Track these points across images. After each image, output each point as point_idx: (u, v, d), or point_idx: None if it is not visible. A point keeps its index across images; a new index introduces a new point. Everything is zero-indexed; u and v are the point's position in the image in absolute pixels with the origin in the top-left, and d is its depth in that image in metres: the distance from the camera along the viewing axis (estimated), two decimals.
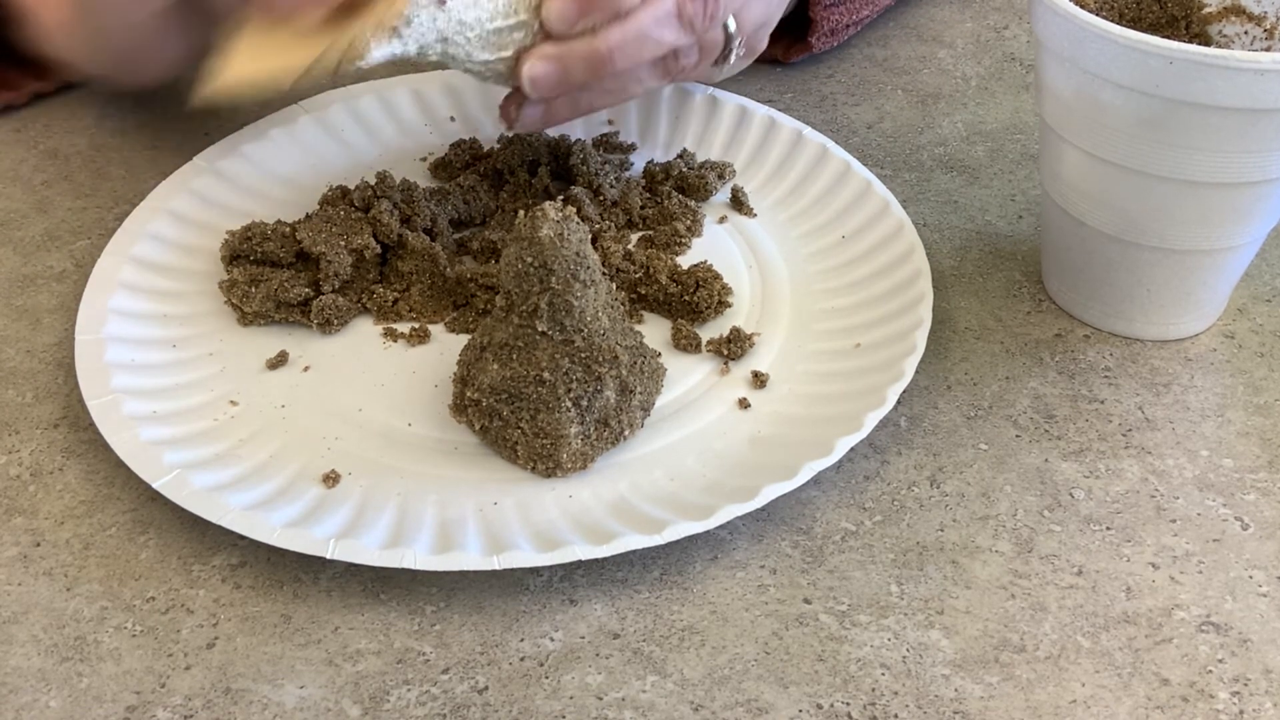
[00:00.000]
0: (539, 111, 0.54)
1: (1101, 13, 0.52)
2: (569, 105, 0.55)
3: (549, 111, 0.55)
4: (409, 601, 0.44)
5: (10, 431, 0.51)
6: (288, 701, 0.41)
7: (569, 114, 0.56)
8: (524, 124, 0.55)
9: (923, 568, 0.45)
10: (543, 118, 0.55)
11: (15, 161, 0.66)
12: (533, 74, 0.51)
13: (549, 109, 0.54)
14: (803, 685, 0.41)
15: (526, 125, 0.55)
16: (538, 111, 0.54)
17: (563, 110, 0.55)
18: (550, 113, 0.55)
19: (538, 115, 0.54)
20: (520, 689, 0.41)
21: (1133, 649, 0.43)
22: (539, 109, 0.54)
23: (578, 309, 0.46)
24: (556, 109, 0.55)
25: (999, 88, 0.72)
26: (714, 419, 0.50)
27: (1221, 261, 0.52)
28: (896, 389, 0.49)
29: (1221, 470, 0.49)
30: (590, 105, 0.56)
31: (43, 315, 0.56)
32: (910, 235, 0.56)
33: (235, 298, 0.54)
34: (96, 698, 0.41)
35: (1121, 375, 0.53)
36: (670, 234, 0.58)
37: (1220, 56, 0.44)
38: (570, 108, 0.55)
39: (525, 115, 0.54)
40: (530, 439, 0.47)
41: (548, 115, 0.55)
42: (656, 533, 0.44)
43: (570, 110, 0.55)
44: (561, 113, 0.55)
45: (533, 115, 0.54)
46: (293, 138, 0.63)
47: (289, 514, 0.45)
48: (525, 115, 0.54)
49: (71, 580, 0.45)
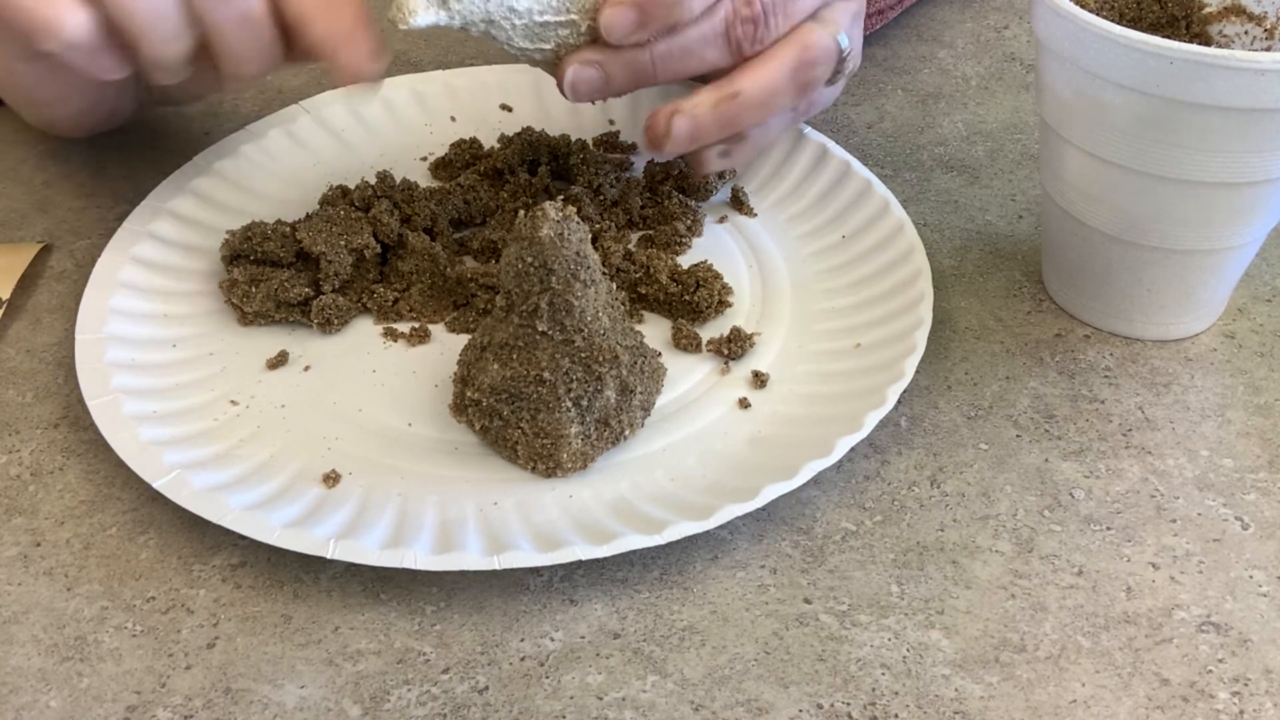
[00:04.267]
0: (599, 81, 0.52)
1: (1101, 13, 0.52)
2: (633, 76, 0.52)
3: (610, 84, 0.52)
4: (409, 601, 0.44)
5: (10, 431, 0.51)
6: (288, 701, 0.41)
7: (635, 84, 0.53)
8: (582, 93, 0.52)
9: (923, 568, 0.45)
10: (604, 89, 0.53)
11: (15, 161, 0.66)
12: (575, 78, 0.51)
13: (610, 82, 0.52)
14: (803, 685, 0.42)
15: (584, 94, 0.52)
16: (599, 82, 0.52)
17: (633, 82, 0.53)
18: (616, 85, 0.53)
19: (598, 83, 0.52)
20: (520, 689, 0.41)
21: (1133, 649, 0.43)
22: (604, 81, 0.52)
23: (578, 309, 0.46)
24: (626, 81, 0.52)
25: (999, 88, 0.72)
26: (714, 419, 0.50)
27: (1222, 261, 0.52)
28: (897, 389, 0.49)
29: (1222, 470, 0.49)
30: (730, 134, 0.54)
31: (43, 315, 0.56)
32: (910, 235, 0.56)
33: (235, 297, 0.54)
34: (97, 697, 0.41)
35: (1122, 375, 0.53)
36: (670, 234, 0.58)
37: (1220, 56, 0.44)
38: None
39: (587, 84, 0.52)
40: (530, 439, 0.47)
41: (608, 86, 0.53)
42: (657, 533, 0.44)
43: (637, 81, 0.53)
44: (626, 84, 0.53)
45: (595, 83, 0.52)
46: (293, 138, 0.63)
47: (289, 514, 0.45)
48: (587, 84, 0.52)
49: (72, 580, 0.45)
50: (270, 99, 0.70)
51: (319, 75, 0.73)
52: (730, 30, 0.51)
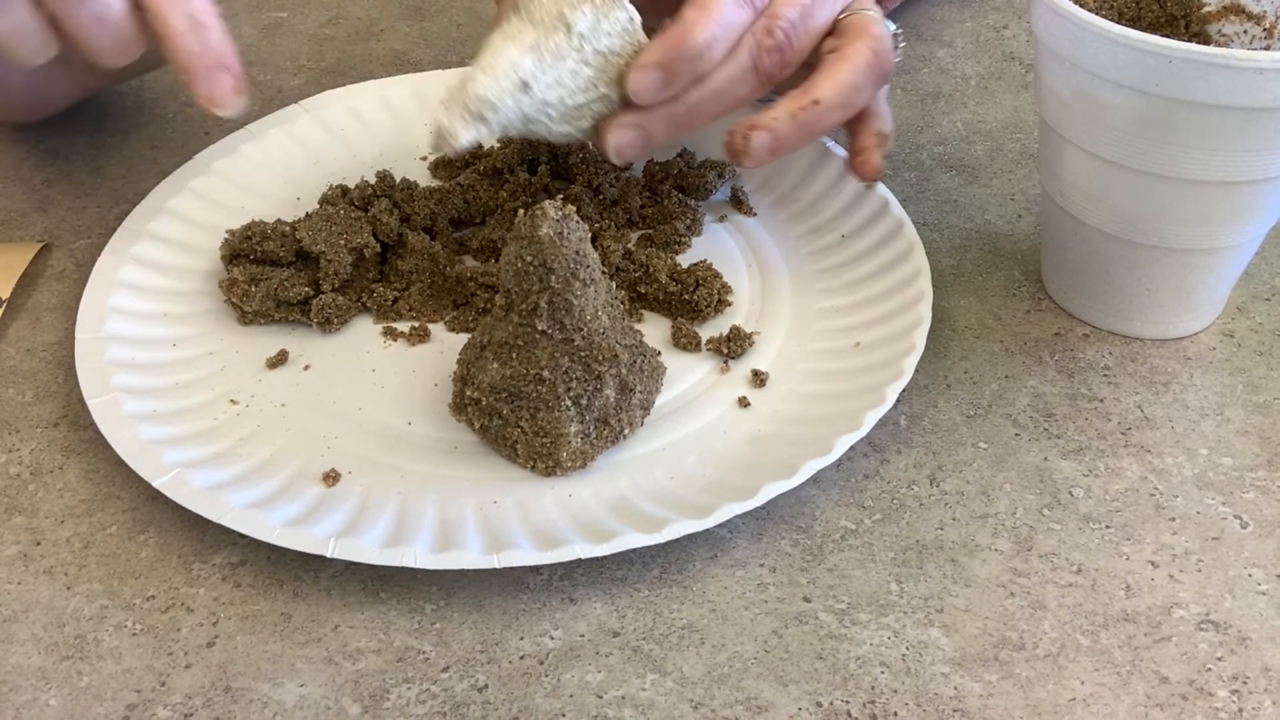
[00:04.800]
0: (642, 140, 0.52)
1: (1101, 12, 0.52)
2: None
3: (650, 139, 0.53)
4: (409, 600, 0.44)
5: (10, 430, 0.51)
6: (288, 700, 0.41)
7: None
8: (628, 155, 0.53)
9: (922, 566, 0.45)
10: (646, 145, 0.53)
11: (15, 161, 0.66)
12: (619, 143, 0.51)
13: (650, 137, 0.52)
14: (802, 683, 0.42)
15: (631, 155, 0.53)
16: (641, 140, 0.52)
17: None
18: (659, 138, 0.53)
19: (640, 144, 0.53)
20: (520, 687, 0.41)
21: (1132, 647, 0.43)
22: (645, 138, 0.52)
23: (577, 308, 0.46)
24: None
25: (999, 87, 0.72)
26: (714, 418, 0.50)
27: (1221, 260, 0.52)
28: (896, 388, 0.49)
29: (1221, 469, 0.49)
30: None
31: (43, 314, 0.56)
32: (910, 234, 0.56)
33: (235, 297, 0.54)
34: (97, 696, 0.41)
35: (1121, 374, 0.53)
36: (670, 233, 0.58)
37: (1219, 55, 0.44)
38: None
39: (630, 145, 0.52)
40: (530, 438, 0.47)
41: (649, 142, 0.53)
42: (656, 531, 0.44)
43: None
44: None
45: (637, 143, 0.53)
46: (293, 137, 0.63)
47: (289, 513, 0.45)
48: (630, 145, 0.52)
49: (72, 579, 0.45)
50: (270, 99, 0.70)
51: (319, 75, 0.73)
52: (757, 64, 0.51)
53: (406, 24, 0.79)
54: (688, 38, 0.49)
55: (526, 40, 0.49)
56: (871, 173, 0.54)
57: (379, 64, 0.75)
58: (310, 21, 0.79)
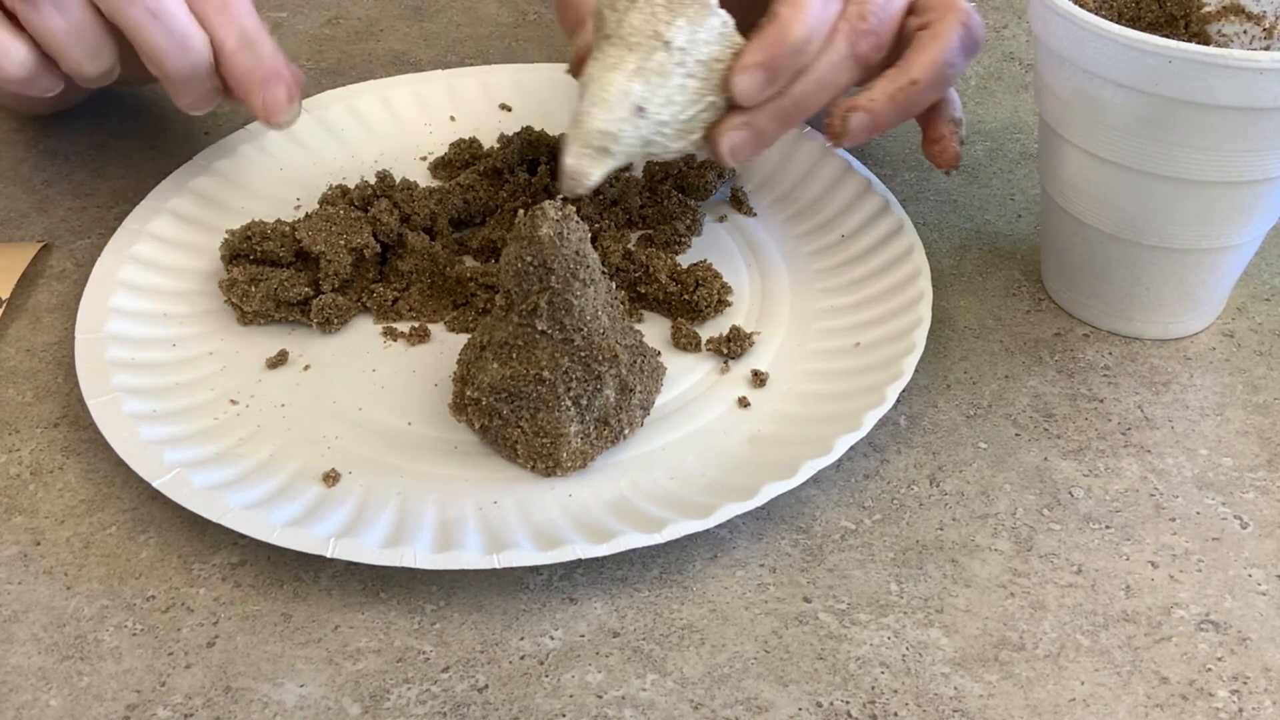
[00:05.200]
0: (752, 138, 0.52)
1: (1100, 12, 0.53)
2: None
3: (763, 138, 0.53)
4: (409, 600, 0.44)
5: (10, 430, 0.51)
6: (288, 700, 0.41)
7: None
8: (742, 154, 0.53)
9: (922, 566, 0.45)
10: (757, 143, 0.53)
11: (15, 161, 0.66)
12: (732, 144, 0.51)
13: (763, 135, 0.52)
14: (802, 684, 0.42)
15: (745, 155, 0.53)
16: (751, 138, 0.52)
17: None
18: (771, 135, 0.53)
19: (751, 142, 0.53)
20: (520, 687, 0.41)
21: (1132, 647, 0.43)
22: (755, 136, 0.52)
23: (577, 308, 0.46)
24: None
25: (999, 87, 0.72)
26: (714, 418, 0.50)
27: (1221, 260, 0.52)
28: (896, 388, 0.49)
29: (1221, 469, 0.49)
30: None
31: (43, 314, 0.56)
32: (910, 234, 0.56)
33: (235, 297, 0.54)
34: (97, 696, 0.41)
35: (1121, 374, 0.53)
36: (670, 233, 0.58)
37: (1219, 55, 0.44)
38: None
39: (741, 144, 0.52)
40: (530, 438, 0.47)
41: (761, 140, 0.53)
42: (656, 531, 0.44)
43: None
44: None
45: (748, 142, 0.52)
46: (293, 137, 0.63)
47: (289, 513, 0.45)
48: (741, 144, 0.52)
49: (72, 579, 0.45)
50: None
51: (319, 75, 0.73)
52: (855, 50, 0.51)
53: (406, 24, 0.79)
54: (786, 34, 0.49)
55: (629, 65, 0.49)
56: (950, 159, 0.54)
57: (379, 64, 0.75)
58: (310, 21, 0.80)
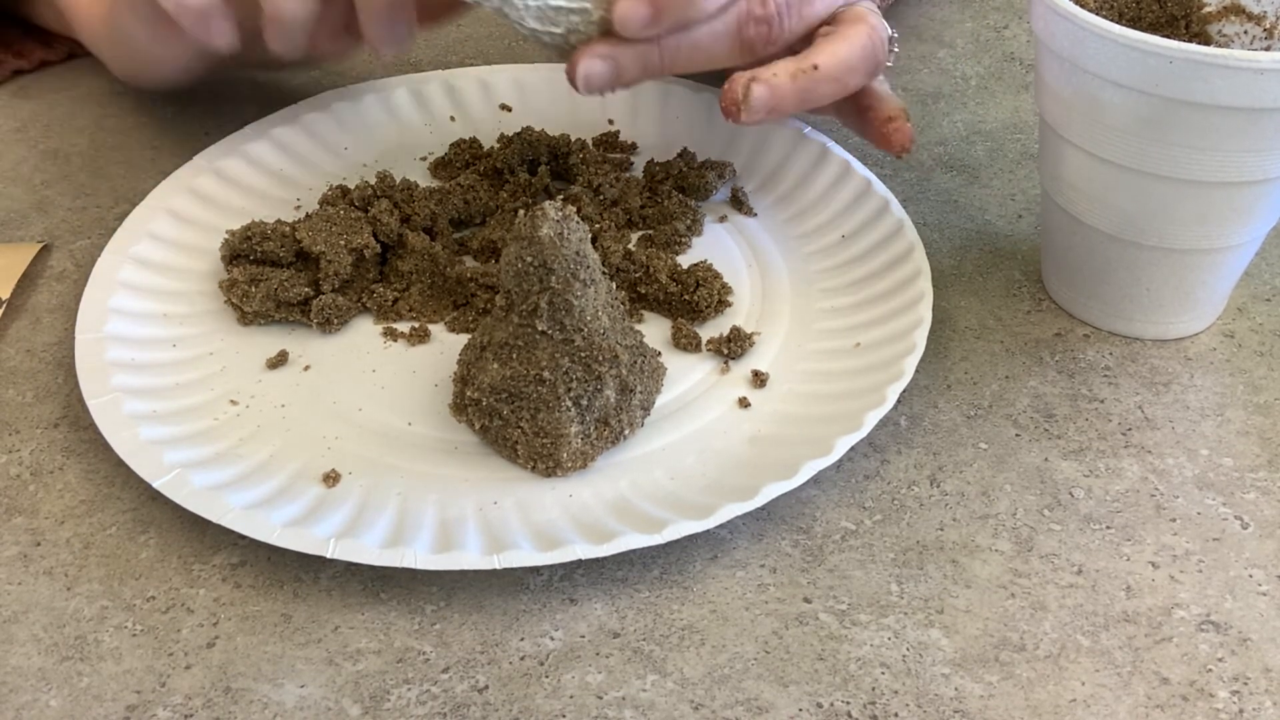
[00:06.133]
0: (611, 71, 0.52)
1: (1101, 12, 0.52)
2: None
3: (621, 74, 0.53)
4: (409, 601, 0.44)
5: (10, 431, 0.51)
6: (288, 701, 0.41)
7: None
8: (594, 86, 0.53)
9: (923, 567, 0.45)
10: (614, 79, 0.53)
11: (15, 161, 0.66)
12: (588, 71, 0.51)
13: (621, 72, 0.52)
14: (803, 684, 0.42)
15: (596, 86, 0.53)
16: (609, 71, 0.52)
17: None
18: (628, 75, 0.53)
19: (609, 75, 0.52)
20: (520, 688, 0.41)
21: (1132, 648, 0.43)
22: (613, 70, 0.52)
23: (578, 308, 0.46)
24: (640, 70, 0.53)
25: (999, 87, 0.72)
26: (714, 418, 0.50)
27: (1221, 261, 0.52)
28: (896, 388, 0.49)
29: (1221, 469, 0.49)
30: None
31: (42, 314, 0.56)
32: (910, 234, 0.56)
33: (235, 297, 0.54)
34: (97, 697, 0.41)
35: (1121, 374, 0.53)
36: (670, 233, 0.58)
37: (1220, 56, 0.44)
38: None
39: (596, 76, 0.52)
40: (530, 438, 0.47)
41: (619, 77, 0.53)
42: (656, 532, 0.44)
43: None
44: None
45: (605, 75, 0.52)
46: (293, 137, 0.63)
47: (289, 513, 0.45)
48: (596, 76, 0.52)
49: (71, 579, 0.45)
50: (270, 98, 0.70)
51: (319, 74, 0.73)
52: (743, 29, 0.51)
53: None
54: None
55: None
56: (905, 139, 0.54)
57: (379, 64, 0.75)
58: None
